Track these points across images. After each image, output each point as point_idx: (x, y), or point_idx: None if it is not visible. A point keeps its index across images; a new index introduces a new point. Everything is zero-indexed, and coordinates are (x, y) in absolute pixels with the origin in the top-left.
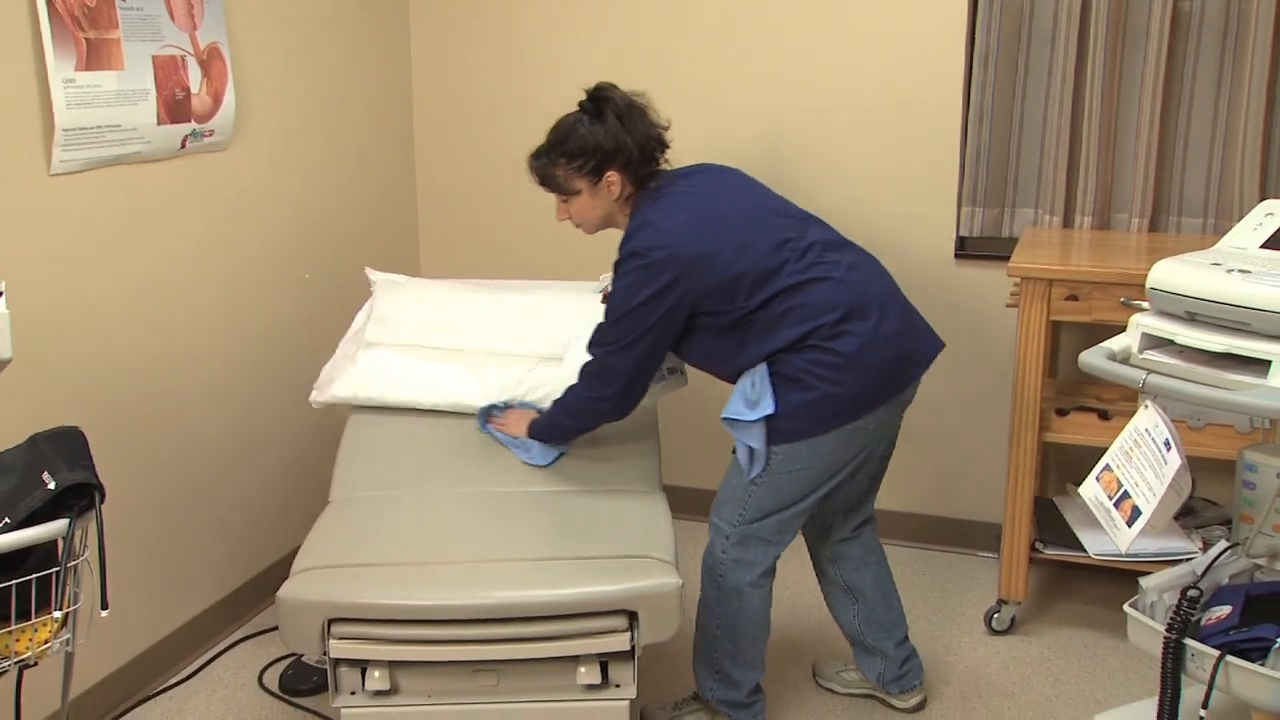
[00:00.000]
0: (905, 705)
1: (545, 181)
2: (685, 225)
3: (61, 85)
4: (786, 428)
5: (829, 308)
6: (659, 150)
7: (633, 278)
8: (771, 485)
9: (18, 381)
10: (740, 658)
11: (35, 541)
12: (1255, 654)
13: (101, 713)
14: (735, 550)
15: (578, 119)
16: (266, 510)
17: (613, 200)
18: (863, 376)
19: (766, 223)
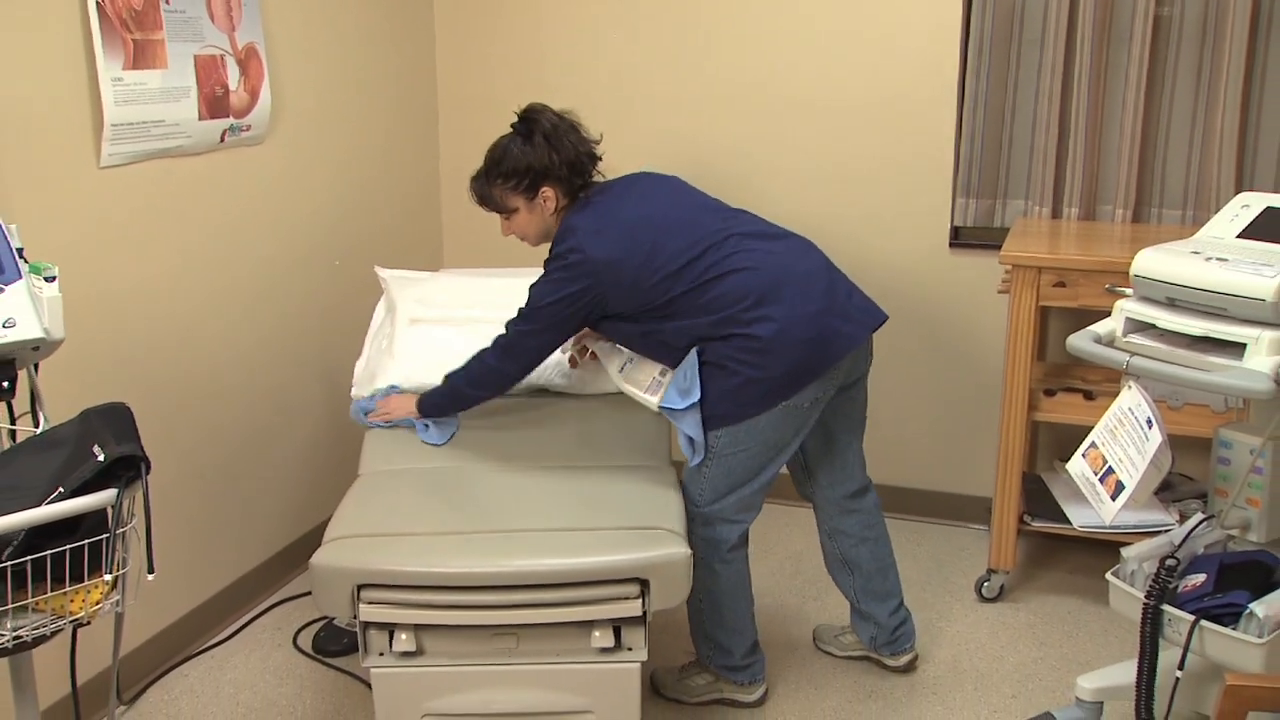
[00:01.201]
0: (897, 664)
1: (484, 201)
2: (599, 232)
3: (110, 84)
4: (720, 412)
5: (741, 296)
6: (590, 164)
7: (553, 277)
8: (721, 467)
9: (70, 360)
10: (726, 625)
11: (86, 510)
12: (1228, 619)
13: (148, 669)
14: (702, 530)
15: (510, 140)
16: (299, 482)
17: (549, 214)
18: (784, 358)
19: (685, 223)
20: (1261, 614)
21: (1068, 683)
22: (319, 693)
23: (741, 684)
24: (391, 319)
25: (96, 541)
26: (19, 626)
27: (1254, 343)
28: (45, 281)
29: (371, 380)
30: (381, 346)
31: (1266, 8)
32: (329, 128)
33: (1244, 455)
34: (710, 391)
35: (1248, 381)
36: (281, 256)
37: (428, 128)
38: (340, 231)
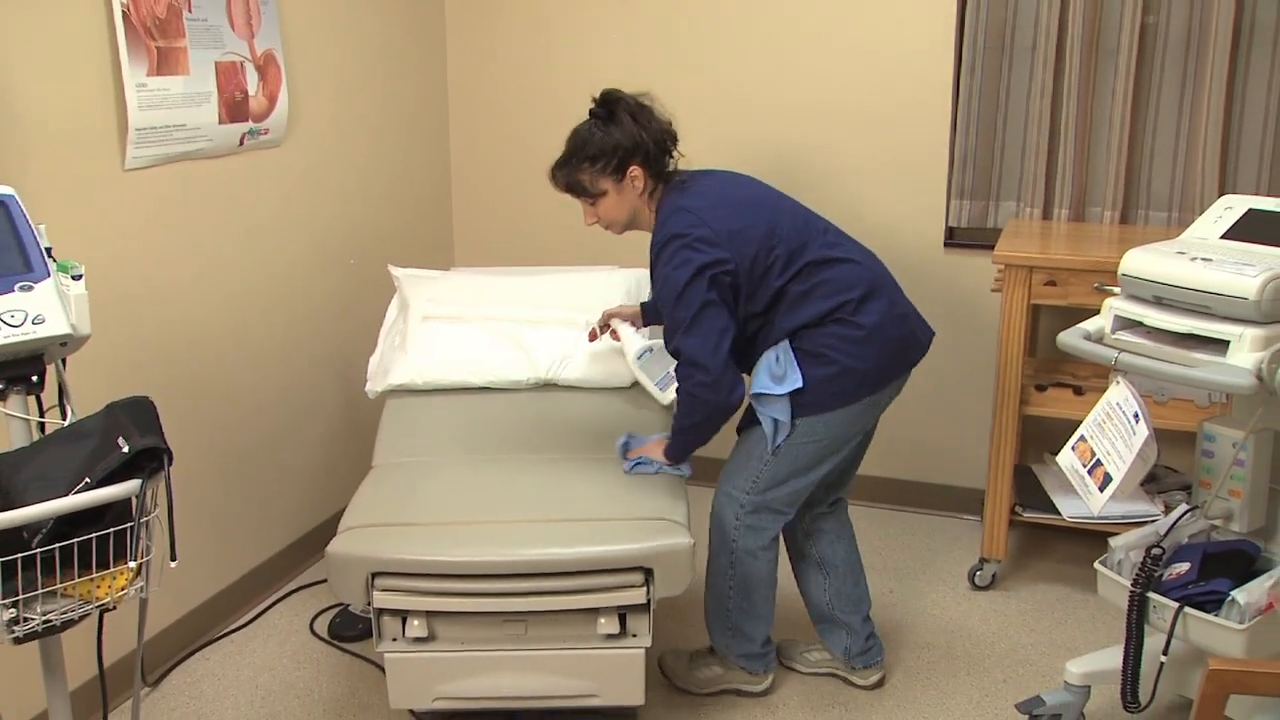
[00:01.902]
0: (866, 683)
1: (571, 188)
2: (716, 206)
3: (135, 89)
4: (808, 400)
5: (852, 285)
6: (673, 143)
7: (677, 259)
8: (788, 456)
9: (96, 356)
10: (753, 613)
11: (112, 499)
12: (1211, 606)
13: (172, 653)
14: (748, 518)
15: (592, 125)
16: (316, 474)
17: (637, 195)
18: (880, 351)
19: (785, 209)
20: (1243, 601)
21: (1057, 667)
22: (335, 676)
23: (754, 673)
24: (404, 316)
25: (121, 530)
26: (48, 611)
27: (1237, 340)
28: (72, 279)
29: (385, 375)
30: (395, 343)
31: (1248, 19)
32: (344, 131)
33: (1227, 448)
34: (804, 379)
35: (1231, 377)
36: (298, 256)
37: (439, 131)
38: (355, 231)
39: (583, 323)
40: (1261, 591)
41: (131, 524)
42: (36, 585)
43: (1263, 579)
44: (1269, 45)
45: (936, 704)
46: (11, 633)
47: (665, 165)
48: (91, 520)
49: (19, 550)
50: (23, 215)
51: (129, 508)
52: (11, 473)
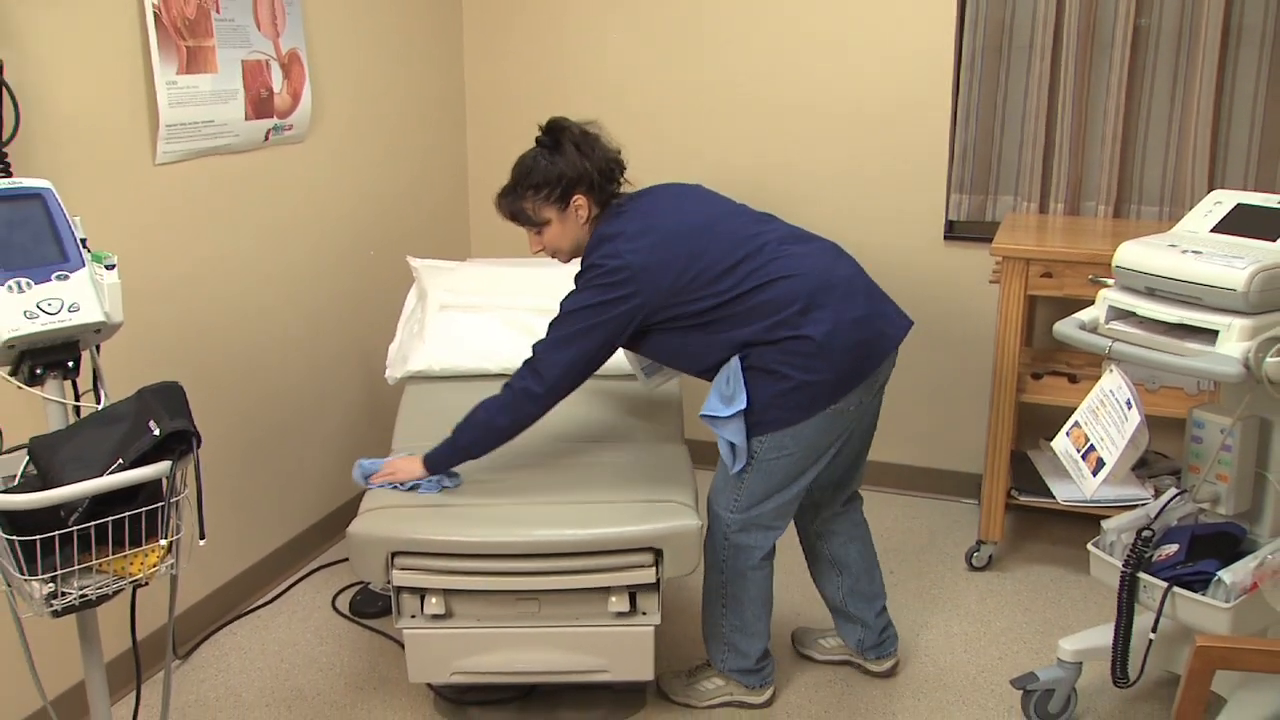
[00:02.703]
0: (880, 669)
1: (515, 216)
2: (638, 236)
3: (165, 87)
4: (768, 418)
5: (789, 301)
6: (618, 172)
7: (589, 285)
8: (761, 472)
9: (128, 343)
10: (747, 630)
11: (143, 480)
12: (1198, 585)
13: (201, 627)
14: (736, 537)
15: (537, 153)
16: (338, 456)
17: (581, 224)
18: (834, 361)
19: (721, 229)
20: (1229, 581)
21: (1050, 645)
22: (355, 651)
23: (752, 687)
24: (422, 305)
25: (153, 509)
26: (84, 586)
27: (1225, 330)
28: (106, 269)
29: (404, 362)
30: (413, 331)
31: (1237, 20)
32: (365, 127)
33: (1215, 434)
34: (758, 397)
35: (1219, 366)
36: (320, 247)
37: (456, 127)
38: (375, 223)
39: None
40: (1246, 572)
41: (162, 504)
42: (73, 561)
43: (1247, 560)
44: (1256, 46)
45: (934, 679)
46: (50, 606)
47: (610, 193)
48: (125, 500)
49: (57, 528)
50: (59, 208)
51: (160, 488)
52: (49, 454)
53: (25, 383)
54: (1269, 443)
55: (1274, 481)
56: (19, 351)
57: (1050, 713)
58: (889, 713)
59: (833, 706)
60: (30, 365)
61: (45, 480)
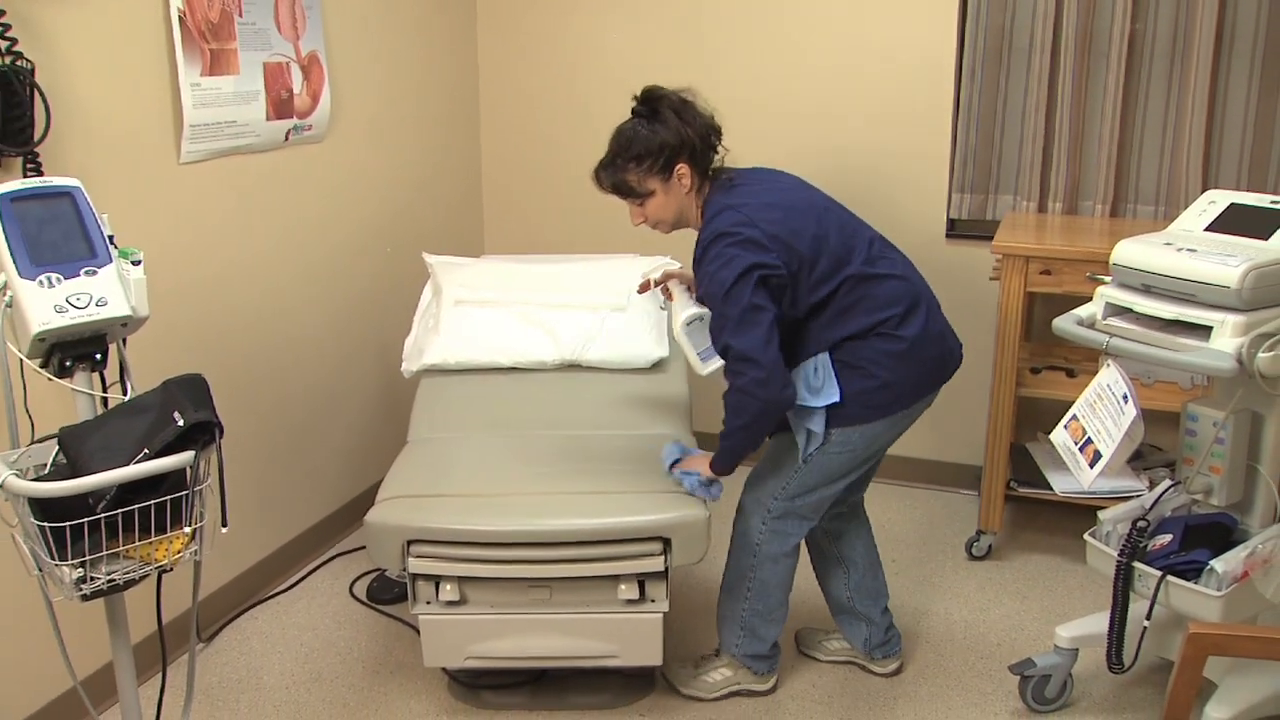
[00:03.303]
0: (884, 670)
1: (618, 189)
2: (765, 208)
3: (189, 88)
4: (847, 413)
5: (894, 301)
6: (717, 138)
7: (724, 257)
8: (819, 465)
9: (153, 336)
10: (769, 615)
11: (168, 469)
12: (1191, 574)
13: (223, 612)
14: (775, 523)
15: (636, 124)
16: (355, 447)
17: (684, 194)
18: (918, 367)
19: (833, 216)
20: (1221, 570)
21: (1048, 632)
22: (372, 636)
23: (760, 673)
24: (438, 300)
25: (177, 497)
26: (112, 571)
27: (1219, 326)
28: (132, 265)
29: (420, 355)
30: (428, 325)
31: (1229, 27)
32: (382, 128)
33: (1208, 428)
34: (842, 391)
35: (1213, 361)
36: (339, 244)
37: (470, 127)
38: (391, 221)
39: (638, 275)
40: (1238, 561)
41: (186, 492)
42: (101, 547)
43: (1239, 549)
44: (1248, 52)
45: (935, 665)
46: (79, 590)
47: (711, 162)
48: (150, 488)
49: (85, 515)
50: (88, 205)
51: (184, 477)
52: (78, 444)
53: (55, 375)
54: (1260, 436)
55: (1265, 474)
56: (49, 344)
57: (1047, 697)
58: (890, 697)
59: (836, 692)
60: (60, 358)
61: (74, 469)
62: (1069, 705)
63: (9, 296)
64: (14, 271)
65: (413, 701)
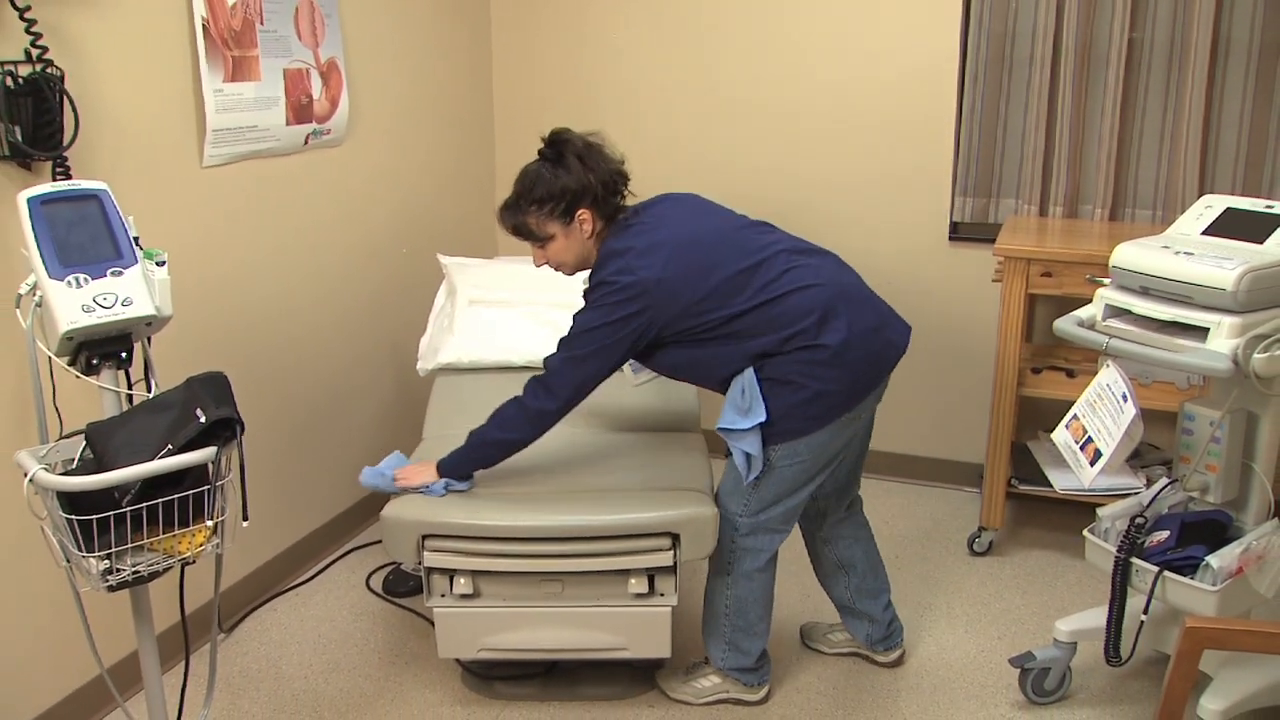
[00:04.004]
0: (887, 660)
1: (519, 231)
2: (650, 252)
3: (212, 94)
4: (785, 428)
5: (805, 313)
6: (622, 184)
7: (601, 303)
8: (773, 479)
9: (177, 335)
10: (749, 630)
11: (191, 465)
12: (1187, 570)
13: (244, 603)
14: (744, 540)
15: (540, 166)
16: (372, 443)
17: (585, 238)
18: (849, 370)
19: (731, 240)
20: (1216, 566)
21: (1047, 626)
22: (388, 628)
23: (750, 685)
24: (452, 301)
25: (199, 492)
26: (137, 563)
27: (1215, 327)
28: (156, 266)
29: (434, 354)
30: (443, 325)
31: (1224, 36)
32: (399, 132)
33: (1205, 427)
34: (774, 407)
35: (1210, 361)
36: (357, 245)
37: (484, 131)
38: (407, 223)
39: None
40: (1233, 557)
41: (208, 487)
42: (126, 540)
43: (1234, 546)
44: (1243, 59)
45: (936, 658)
46: (105, 582)
47: (614, 207)
48: (173, 483)
49: (111, 508)
50: (114, 207)
51: (206, 472)
52: (104, 439)
53: (83, 372)
54: (1255, 435)
55: (1259, 472)
56: (77, 343)
57: (1046, 690)
58: (893, 690)
59: (840, 685)
60: (87, 356)
61: (100, 464)
62: (1068, 697)
63: (39, 296)
64: (44, 272)
65: (427, 692)
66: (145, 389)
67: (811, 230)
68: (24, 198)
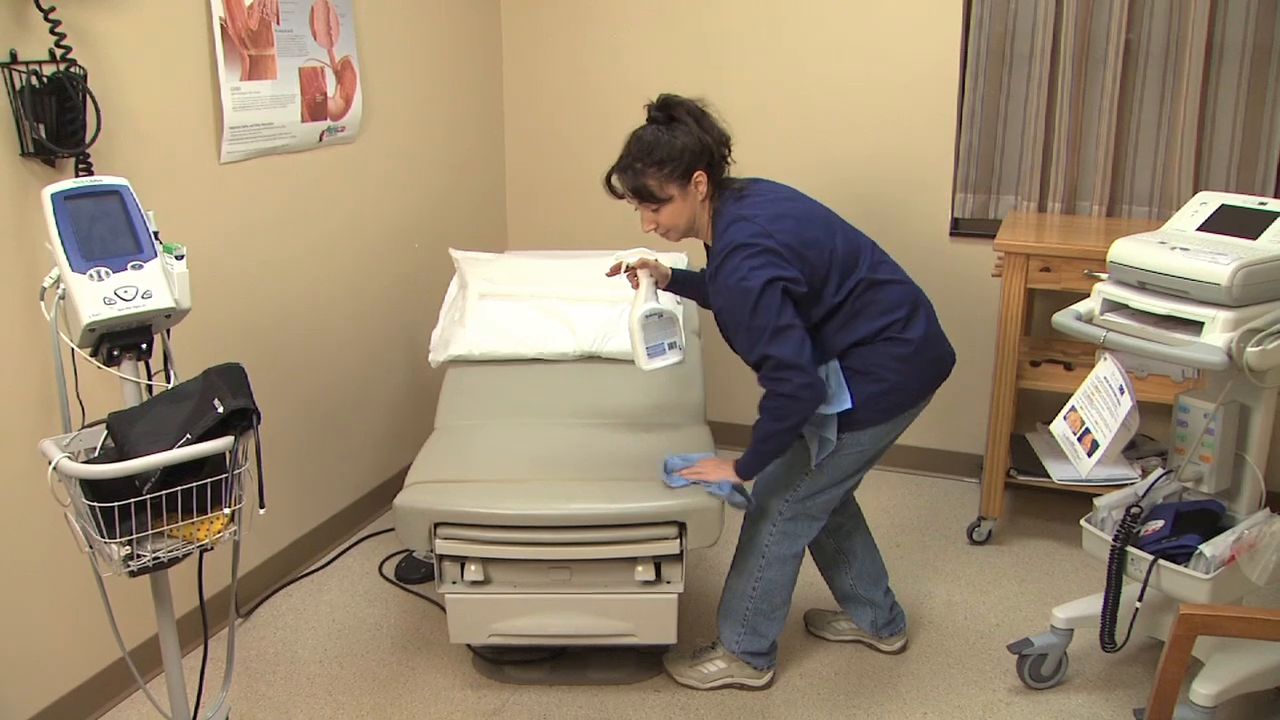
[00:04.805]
0: (891, 648)
1: (638, 192)
2: (778, 219)
3: (230, 92)
4: (859, 418)
5: (899, 304)
6: (729, 148)
7: (745, 268)
8: (831, 467)
9: (195, 327)
10: (772, 614)
11: (208, 454)
12: (1181, 558)
13: (260, 589)
14: (786, 525)
15: (655, 129)
16: (384, 434)
17: (699, 202)
18: (922, 368)
19: (835, 225)
20: (1209, 554)
21: (1044, 613)
22: (401, 613)
23: (759, 669)
24: (463, 294)
25: (217, 480)
26: (157, 549)
27: (1210, 321)
28: (175, 259)
29: (446, 347)
30: (454, 318)
31: (1219, 36)
32: (411, 129)
33: (1199, 419)
34: (855, 397)
35: (1205, 355)
36: (370, 240)
37: (495, 128)
38: (420, 218)
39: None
40: (1225, 546)
41: (226, 475)
42: (147, 527)
43: (1227, 535)
44: (1237, 59)
45: (937, 645)
46: (127, 567)
47: (725, 172)
48: (192, 471)
49: (132, 496)
50: (134, 203)
51: (224, 461)
52: (125, 429)
53: (104, 363)
54: (1248, 426)
55: (1252, 462)
56: (99, 335)
57: (1043, 675)
58: (894, 675)
59: (842, 671)
60: (108, 347)
61: (121, 452)
62: (1064, 682)
63: (62, 289)
64: (67, 266)
65: (438, 676)
66: (164, 380)
67: None
68: (48, 193)
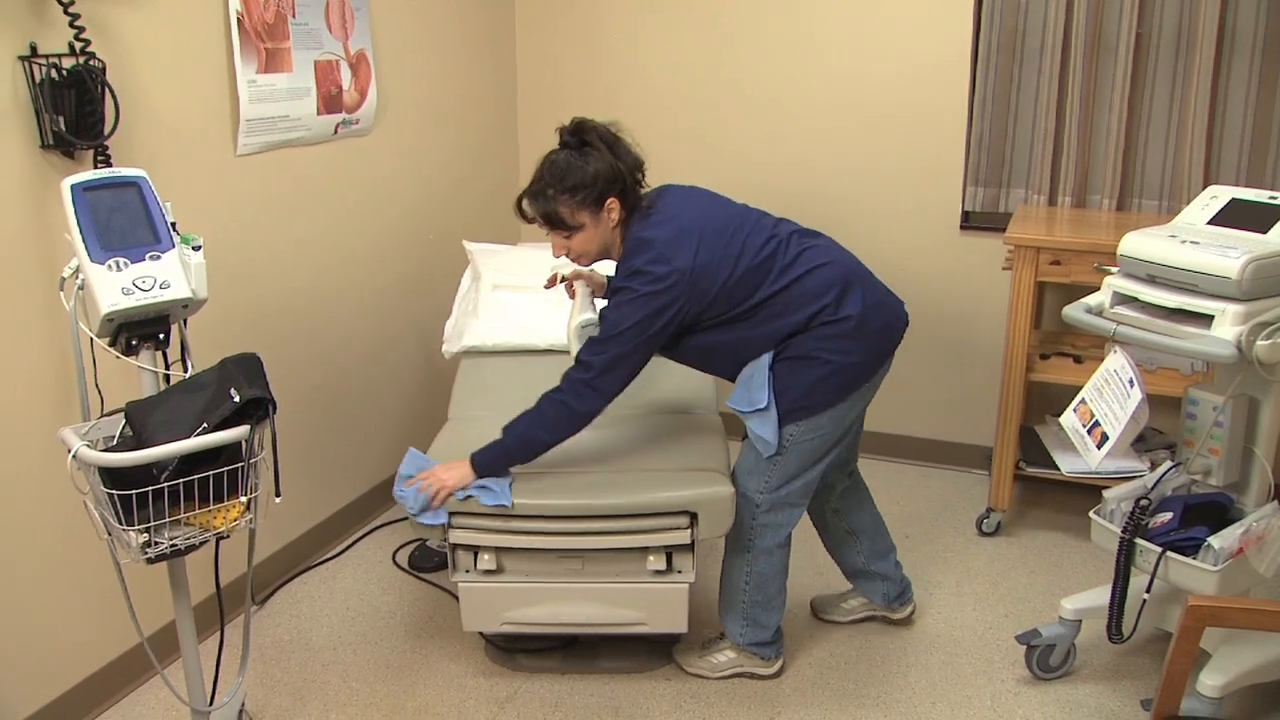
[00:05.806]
0: (901, 616)
1: (549, 219)
2: (678, 239)
3: (246, 85)
4: (810, 403)
5: (826, 289)
6: (642, 173)
7: (639, 294)
8: (795, 454)
9: (212, 317)
10: (769, 604)
11: (225, 443)
12: (1190, 550)
13: (275, 577)
14: (765, 516)
15: (568, 155)
16: (398, 424)
17: (611, 228)
18: (866, 343)
19: (748, 226)
20: (1218, 546)
21: (1053, 604)
22: (414, 602)
23: (767, 659)
24: (476, 285)
25: (233, 469)
26: (174, 537)
27: (1220, 315)
28: (193, 250)
29: (459, 338)
30: (467, 309)
31: (1230, 28)
32: (425, 121)
33: (1208, 412)
34: (797, 385)
35: (1215, 348)
36: (384, 231)
37: (508, 120)
38: (434, 210)
39: (550, 275)
40: (1234, 538)
41: (242, 464)
42: (164, 514)
43: (1235, 527)
44: (1248, 52)
45: (945, 635)
46: (145, 554)
47: (637, 195)
48: (209, 460)
49: (150, 484)
50: (152, 194)
51: (240, 450)
52: (143, 417)
53: (122, 353)
54: (1257, 419)
55: (1260, 455)
56: (117, 324)
57: (1051, 666)
58: (903, 665)
59: (851, 659)
60: (126, 337)
61: (139, 441)
62: (1072, 673)
63: (81, 279)
64: (85, 256)
65: (451, 664)
66: (182, 369)
67: (826, 220)
68: (67, 184)
